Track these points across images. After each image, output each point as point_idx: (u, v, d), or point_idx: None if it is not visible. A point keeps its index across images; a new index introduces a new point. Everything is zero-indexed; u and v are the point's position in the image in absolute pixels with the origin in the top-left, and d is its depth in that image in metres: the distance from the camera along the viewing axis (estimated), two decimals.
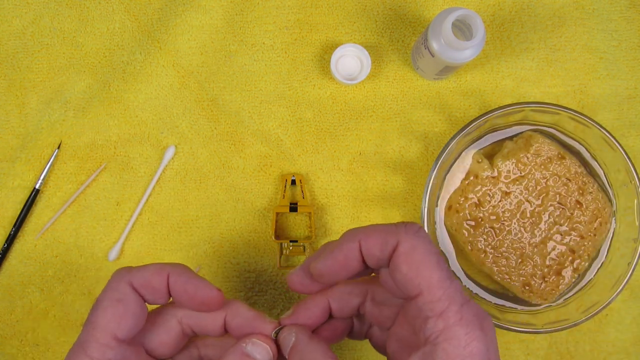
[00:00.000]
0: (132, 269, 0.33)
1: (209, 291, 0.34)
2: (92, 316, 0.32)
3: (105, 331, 0.31)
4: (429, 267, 0.29)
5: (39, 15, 0.50)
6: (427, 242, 0.30)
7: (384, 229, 0.31)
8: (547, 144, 0.45)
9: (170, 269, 0.34)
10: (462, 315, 0.29)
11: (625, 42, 0.50)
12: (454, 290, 0.29)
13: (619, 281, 0.44)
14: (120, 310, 0.32)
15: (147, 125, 0.49)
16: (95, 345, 0.31)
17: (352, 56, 0.49)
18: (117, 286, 0.32)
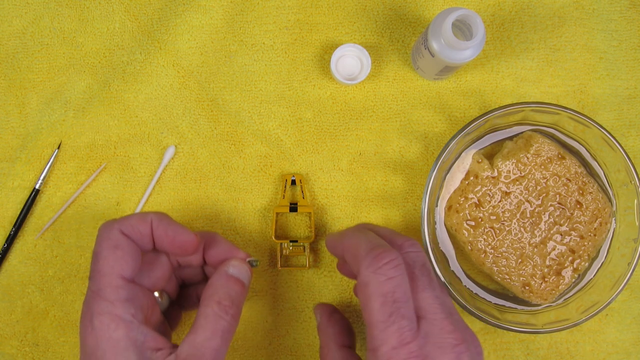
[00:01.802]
0: (118, 219, 0.37)
1: (187, 235, 0.38)
2: (96, 266, 0.35)
3: (113, 275, 0.34)
4: (372, 306, 0.32)
5: (39, 15, 0.50)
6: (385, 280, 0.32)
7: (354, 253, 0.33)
8: (547, 144, 0.45)
9: (153, 216, 0.38)
10: (390, 355, 0.31)
11: (625, 42, 0.50)
12: (391, 331, 0.31)
13: (619, 281, 0.44)
14: (119, 254, 0.35)
15: (147, 125, 0.49)
16: (109, 289, 0.34)
17: (352, 56, 0.49)
18: (109, 235, 0.36)
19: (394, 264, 0.32)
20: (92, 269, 0.35)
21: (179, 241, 0.38)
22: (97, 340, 0.33)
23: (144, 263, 0.39)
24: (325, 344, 0.41)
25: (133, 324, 0.34)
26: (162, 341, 0.35)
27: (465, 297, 0.44)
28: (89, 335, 0.33)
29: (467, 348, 0.33)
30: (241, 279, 0.39)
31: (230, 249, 0.41)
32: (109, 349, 0.33)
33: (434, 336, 0.32)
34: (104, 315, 0.33)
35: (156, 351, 0.34)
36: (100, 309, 0.34)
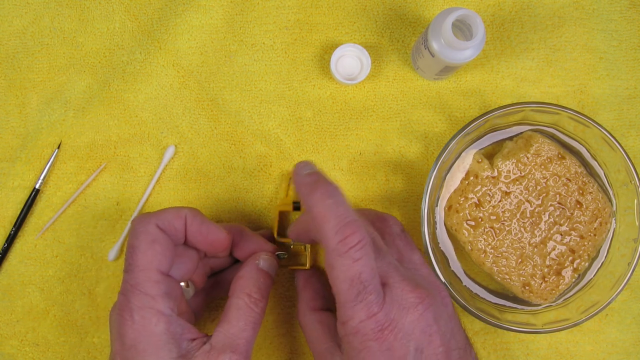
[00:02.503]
0: (154, 213, 0.37)
1: (219, 233, 0.40)
2: (134, 260, 0.35)
3: (152, 269, 0.35)
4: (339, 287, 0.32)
5: (39, 15, 0.50)
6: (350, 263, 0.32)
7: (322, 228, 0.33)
8: (547, 144, 0.45)
9: (187, 211, 0.38)
10: (358, 329, 0.32)
11: (625, 42, 0.50)
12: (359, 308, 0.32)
13: (619, 281, 0.44)
14: (157, 249, 0.36)
15: (147, 125, 0.49)
16: (149, 284, 0.35)
17: (352, 56, 0.49)
18: (147, 229, 0.36)
19: (361, 245, 0.32)
20: (130, 262, 0.35)
21: (211, 239, 0.39)
22: (139, 334, 0.34)
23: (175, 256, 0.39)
24: (300, 309, 0.42)
25: (172, 318, 0.35)
26: (195, 331, 0.36)
27: (465, 297, 0.44)
28: (129, 329, 0.34)
29: (430, 304, 0.34)
30: (269, 272, 0.41)
31: (259, 243, 0.43)
32: (152, 343, 0.34)
33: (398, 299, 0.33)
34: (145, 310, 0.34)
35: (191, 341, 0.35)
36: (142, 303, 0.34)
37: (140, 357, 0.33)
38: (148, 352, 0.33)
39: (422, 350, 0.33)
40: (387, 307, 0.33)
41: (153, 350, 0.34)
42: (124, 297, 0.35)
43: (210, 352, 0.35)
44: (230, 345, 0.35)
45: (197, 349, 0.35)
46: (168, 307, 0.35)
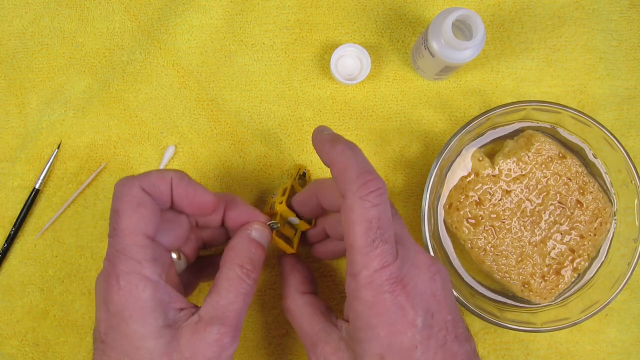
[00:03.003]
0: (137, 176, 0.35)
1: (206, 196, 0.37)
2: (118, 224, 0.33)
3: (138, 233, 0.33)
4: (356, 231, 0.31)
5: (39, 15, 0.50)
6: (370, 206, 0.32)
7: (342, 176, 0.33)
8: (548, 143, 0.45)
9: (173, 174, 0.36)
10: (372, 279, 0.31)
11: (625, 42, 0.50)
12: (373, 256, 0.31)
13: (618, 281, 0.44)
14: (142, 212, 0.34)
15: (147, 125, 0.49)
16: (135, 248, 0.33)
17: (352, 56, 0.49)
18: (131, 192, 0.34)
19: (380, 192, 0.32)
20: (114, 227, 0.34)
21: (197, 201, 0.37)
22: (125, 300, 0.32)
23: (162, 222, 0.37)
24: (288, 293, 0.40)
25: (159, 284, 0.34)
26: (183, 301, 0.35)
27: (465, 295, 0.44)
28: (115, 295, 0.32)
29: (439, 269, 0.34)
30: (262, 242, 0.39)
31: (251, 212, 0.41)
32: (138, 309, 0.32)
33: (410, 258, 0.33)
34: (132, 275, 0.33)
35: (179, 311, 0.34)
36: (128, 268, 0.33)
37: (125, 324, 0.32)
38: (133, 318, 0.32)
39: (432, 314, 0.32)
40: (400, 261, 0.32)
41: (139, 316, 0.32)
42: (110, 262, 0.33)
43: (198, 323, 0.34)
44: (219, 317, 0.34)
45: (185, 320, 0.34)
46: (155, 272, 0.33)
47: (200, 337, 0.33)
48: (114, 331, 0.32)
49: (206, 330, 0.33)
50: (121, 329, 0.32)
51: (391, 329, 0.31)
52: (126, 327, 0.32)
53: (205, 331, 0.33)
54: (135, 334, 0.32)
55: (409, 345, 0.31)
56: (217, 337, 0.33)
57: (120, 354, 0.32)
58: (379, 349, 0.31)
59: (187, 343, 0.33)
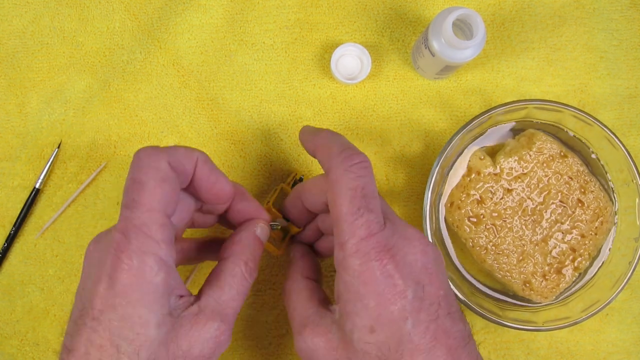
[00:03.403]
0: (164, 149, 0.33)
1: (227, 185, 0.36)
2: (140, 196, 0.30)
3: (160, 211, 0.31)
4: (342, 201, 0.31)
5: (39, 15, 0.50)
6: (354, 176, 0.32)
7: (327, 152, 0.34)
8: (549, 142, 0.45)
9: (199, 154, 0.34)
10: (359, 247, 0.31)
11: (625, 41, 0.50)
12: (359, 224, 0.31)
13: (619, 280, 0.44)
14: (167, 189, 0.31)
15: (147, 124, 0.49)
16: (156, 227, 0.30)
17: (353, 56, 0.49)
18: (158, 165, 0.31)
19: (364, 164, 0.32)
20: (134, 198, 0.30)
21: (217, 188, 0.35)
22: (136, 281, 0.30)
23: None
24: (291, 275, 0.39)
25: (171, 269, 0.31)
26: (184, 288, 0.33)
27: (466, 293, 0.44)
28: (124, 273, 0.29)
29: (429, 243, 0.33)
30: (263, 242, 0.39)
31: (258, 208, 0.40)
32: (149, 293, 0.30)
33: (399, 230, 0.32)
34: (148, 255, 0.30)
35: (179, 298, 0.32)
36: (145, 247, 0.30)
37: (130, 307, 0.29)
38: (141, 302, 0.30)
39: (423, 286, 0.31)
40: (388, 231, 0.31)
41: (147, 302, 0.30)
42: (123, 236, 0.30)
43: (198, 315, 0.32)
44: (219, 313, 0.33)
45: (184, 309, 0.32)
46: (170, 256, 0.31)
47: (199, 331, 0.32)
48: (113, 311, 0.30)
49: (207, 325, 0.32)
50: (124, 310, 0.29)
51: (380, 299, 0.30)
52: (131, 310, 0.30)
53: (205, 325, 0.32)
54: (140, 319, 0.30)
55: (399, 316, 0.30)
56: (216, 334, 0.32)
57: (115, 337, 0.29)
58: (369, 320, 0.30)
59: (185, 335, 0.31)
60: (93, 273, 0.31)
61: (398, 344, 0.30)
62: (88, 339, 0.30)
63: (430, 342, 0.30)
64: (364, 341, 0.31)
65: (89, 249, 0.33)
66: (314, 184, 0.38)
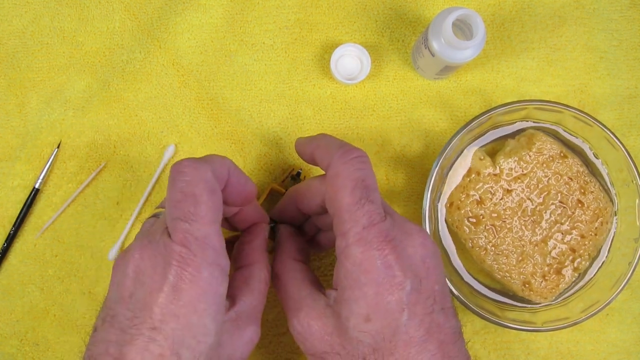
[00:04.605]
0: (205, 159, 0.33)
1: (253, 186, 0.37)
2: (197, 209, 0.31)
3: (217, 223, 0.32)
4: (343, 192, 0.32)
5: (38, 15, 0.50)
6: (354, 169, 0.32)
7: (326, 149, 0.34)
8: (549, 143, 0.45)
9: (229, 162, 0.35)
10: (361, 236, 0.31)
11: (625, 41, 0.50)
12: (361, 213, 0.31)
13: (619, 281, 0.44)
14: (216, 200, 0.32)
15: (147, 124, 0.49)
16: (216, 238, 0.31)
17: (352, 56, 0.49)
18: (206, 177, 0.32)
19: (363, 159, 0.33)
20: (190, 211, 0.31)
21: (246, 191, 0.36)
22: (201, 291, 0.30)
23: None
24: (280, 258, 0.39)
25: (227, 279, 0.32)
26: None
27: (466, 294, 0.44)
28: (188, 282, 0.30)
29: (428, 237, 0.34)
30: None
31: (262, 211, 0.41)
32: (215, 303, 0.31)
33: (399, 224, 0.33)
34: (214, 267, 0.31)
35: None
36: (210, 259, 0.31)
37: (197, 316, 0.30)
38: (207, 312, 0.30)
39: (420, 280, 0.32)
40: (389, 223, 0.32)
41: (212, 311, 0.30)
42: (186, 249, 0.30)
43: (237, 321, 0.33)
44: (253, 317, 0.34)
45: (224, 314, 0.33)
46: (228, 266, 0.32)
47: (240, 335, 0.33)
48: (176, 320, 0.30)
49: (246, 329, 0.33)
50: (187, 319, 0.30)
51: (378, 289, 0.31)
52: (197, 319, 0.30)
53: (245, 330, 0.33)
54: (204, 328, 0.30)
55: (396, 307, 0.31)
56: (252, 337, 0.34)
57: (177, 345, 0.30)
58: (366, 308, 0.31)
59: (229, 340, 0.33)
60: (146, 282, 0.31)
61: (393, 335, 0.30)
62: (145, 348, 0.29)
63: (423, 335, 0.31)
64: (358, 329, 0.31)
65: (136, 257, 0.32)
66: (309, 185, 0.38)
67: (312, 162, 0.37)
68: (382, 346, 0.31)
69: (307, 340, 0.34)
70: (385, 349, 0.30)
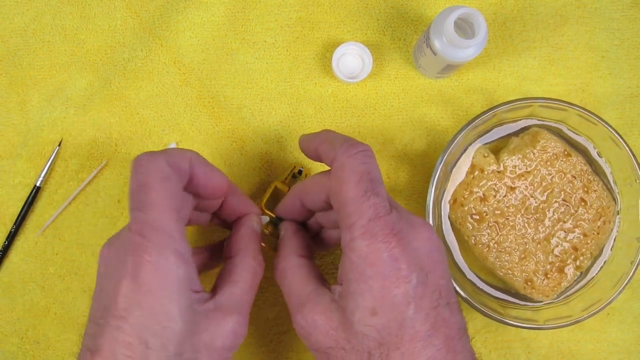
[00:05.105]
0: (160, 151, 0.34)
1: (223, 178, 0.37)
2: (148, 197, 0.32)
3: (170, 208, 0.32)
4: (348, 185, 0.32)
5: (40, 13, 0.50)
6: (359, 162, 0.32)
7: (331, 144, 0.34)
8: (553, 141, 0.45)
9: (192, 153, 0.36)
10: (367, 228, 0.31)
11: (627, 40, 0.50)
12: (367, 206, 0.31)
13: (621, 280, 0.44)
14: (170, 187, 0.33)
15: (148, 122, 0.49)
16: (170, 223, 0.31)
17: (354, 54, 0.49)
18: (158, 166, 0.33)
19: (368, 153, 0.33)
20: (142, 199, 0.32)
21: (214, 183, 0.37)
22: (159, 276, 0.30)
23: None
24: (285, 254, 0.39)
25: (190, 263, 0.32)
26: (199, 283, 0.34)
27: (469, 291, 0.44)
28: (149, 271, 0.30)
29: (433, 231, 0.34)
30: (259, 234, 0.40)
31: (248, 203, 0.41)
32: (172, 287, 0.31)
33: (405, 217, 0.33)
34: (168, 250, 0.31)
35: (195, 293, 0.33)
36: (163, 243, 0.31)
37: (157, 302, 0.30)
38: (166, 296, 0.30)
39: (427, 274, 0.31)
40: (395, 216, 0.32)
41: (172, 295, 0.31)
42: (142, 237, 0.31)
43: (216, 311, 0.33)
44: (236, 307, 0.34)
45: (200, 304, 0.33)
46: (187, 250, 0.32)
47: (219, 325, 0.33)
48: (139, 308, 0.30)
49: (225, 320, 0.33)
50: (149, 305, 0.30)
51: (384, 282, 0.30)
52: (158, 305, 0.30)
53: (224, 320, 0.33)
54: (167, 313, 0.30)
55: (402, 301, 0.30)
56: (235, 327, 0.33)
57: (142, 333, 0.30)
58: (372, 302, 0.31)
59: (206, 328, 0.32)
60: (112, 274, 0.31)
61: (399, 328, 0.30)
62: (114, 338, 0.30)
63: (429, 329, 0.30)
64: (364, 323, 0.31)
65: (103, 253, 0.34)
66: (314, 181, 0.38)
67: (317, 158, 0.37)
68: (388, 340, 0.30)
69: (311, 335, 0.33)
70: (391, 343, 0.30)
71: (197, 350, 0.32)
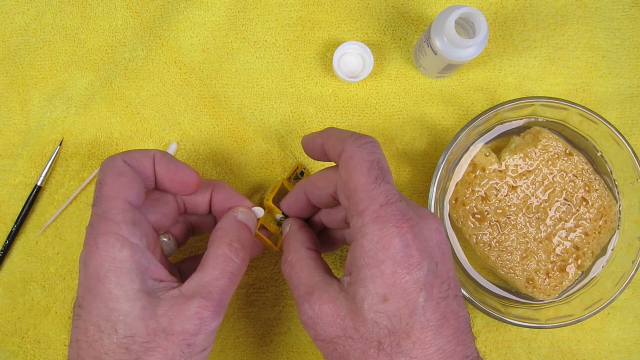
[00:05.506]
0: (121, 152, 0.36)
1: (189, 172, 0.38)
2: (100, 192, 0.34)
3: (118, 198, 0.34)
4: (359, 172, 0.32)
5: (41, 12, 0.50)
6: (368, 152, 0.33)
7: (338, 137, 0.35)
8: (554, 140, 0.45)
9: (156, 151, 0.37)
10: (379, 213, 0.31)
11: (628, 40, 0.50)
12: (378, 192, 0.31)
13: (622, 279, 0.44)
14: (123, 180, 0.34)
15: (149, 122, 0.49)
16: (115, 211, 0.33)
17: (355, 54, 0.49)
18: (113, 164, 0.35)
19: (375, 144, 0.33)
20: (96, 195, 0.34)
21: (179, 178, 0.37)
22: (101, 260, 0.32)
23: (149, 200, 0.38)
24: (292, 248, 0.39)
25: (138, 247, 0.33)
26: (164, 273, 0.34)
27: (470, 290, 0.44)
28: (92, 255, 0.32)
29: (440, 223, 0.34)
30: (248, 224, 0.39)
31: (237, 197, 0.41)
32: (113, 269, 0.32)
33: (414, 207, 0.33)
34: (110, 235, 0.32)
35: (159, 282, 0.34)
36: (106, 229, 0.32)
37: (101, 284, 0.31)
38: (108, 278, 0.31)
39: (437, 264, 0.31)
40: (405, 205, 0.32)
41: (114, 277, 0.31)
42: (90, 228, 0.33)
43: (179, 297, 0.33)
44: (201, 292, 0.33)
45: (164, 291, 0.33)
46: (134, 235, 0.33)
47: (179, 310, 0.32)
48: (90, 294, 0.32)
49: (186, 304, 0.33)
50: (97, 290, 0.32)
51: (396, 267, 0.30)
52: (102, 287, 0.31)
53: (185, 304, 0.33)
54: (110, 294, 0.31)
55: (414, 288, 0.30)
56: (197, 310, 0.33)
57: (94, 316, 0.31)
58: (383, 287, 0.30)
59: (165, 313, 0.32)
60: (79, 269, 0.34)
61: (409, 316, 0.30)
62: (76, 326, 0.32)
63: (439, 319, 0.30)
64: (374, 310, 0.30)
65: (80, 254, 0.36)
66: (321, 175, 0.38)
67: (321, 155, 0.37)
68: (399, 328, 0.30)
69: (317, 325, 0.33)
70: (402, 331, 0.30)
71: (152, 333, 0.32)
